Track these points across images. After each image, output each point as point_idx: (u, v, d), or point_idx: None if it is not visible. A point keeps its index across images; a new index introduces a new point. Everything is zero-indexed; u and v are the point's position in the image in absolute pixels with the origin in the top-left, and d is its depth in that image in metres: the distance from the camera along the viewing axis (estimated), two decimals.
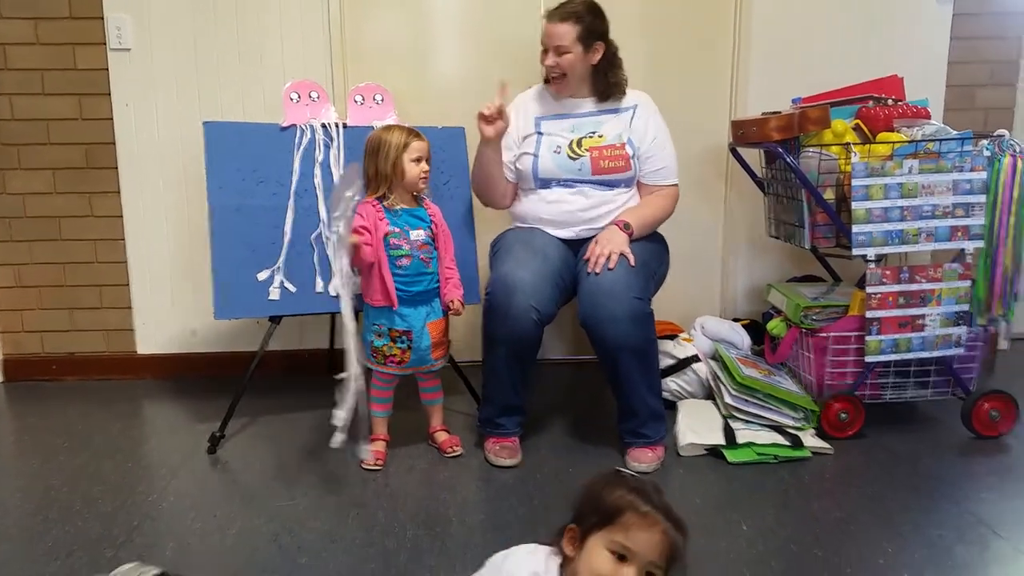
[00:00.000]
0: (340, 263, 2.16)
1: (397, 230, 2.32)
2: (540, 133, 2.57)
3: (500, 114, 2.44)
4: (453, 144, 2.79)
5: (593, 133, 2.54)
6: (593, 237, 2.46)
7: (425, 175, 2.35)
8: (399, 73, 3.11)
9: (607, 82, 2.56)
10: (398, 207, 2.35)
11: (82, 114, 3.03)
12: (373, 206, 2.33)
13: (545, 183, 2.56)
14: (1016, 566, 1.87)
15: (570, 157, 2.51)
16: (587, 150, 2.51)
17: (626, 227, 2.44)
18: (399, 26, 3.13)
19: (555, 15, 2.48)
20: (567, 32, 2.45)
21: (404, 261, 2.32)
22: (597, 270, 2.32)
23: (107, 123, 3.04)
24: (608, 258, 2.34)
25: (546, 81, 2.63)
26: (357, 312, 2.50)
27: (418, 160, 2.33)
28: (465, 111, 3.00)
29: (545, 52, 2.52)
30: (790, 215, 2.77)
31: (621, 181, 2.54)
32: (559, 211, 2.54)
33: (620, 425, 2.42)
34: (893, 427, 2.62)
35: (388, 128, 2.39)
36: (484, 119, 2.44)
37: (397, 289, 2.30)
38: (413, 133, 2.36)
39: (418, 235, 2.34)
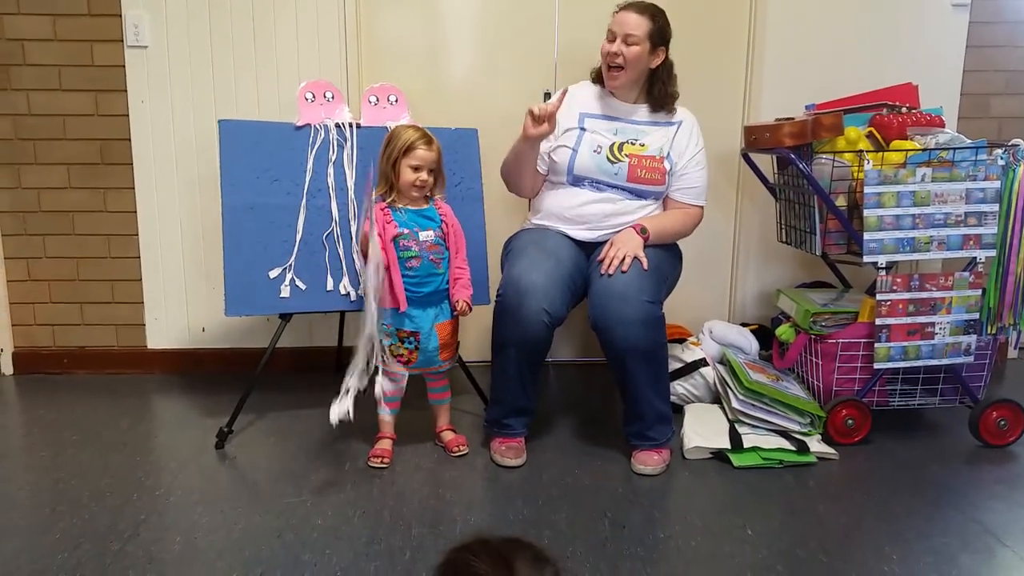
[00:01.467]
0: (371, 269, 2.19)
1: (406, 231, 2.33)
2: (583, 129, 2.55)
3: (550, 119, 2.41)
4: (466, 145, 2.80)
5: (635, 141, 2.53)
6: (608, 240, 2.46)
7: (421, 184, 2.33)
8: (414, 74, 3.12)
9: (664, 91, 2.55)
10: (403, 207, 2.36)
11: (98, 110, 3.06)
12: (382, 210, 2.34)
13: (578, 180, 2.53)
14: None
15: (609, 160, 2.50)
16: (627, 156, 2.50)
17: (643, 231, 2.44)
18: (414, 27, 3.14)
19: (632, 6, 2.49)
20: (640, 24, 2.45)
21: (414, 262, 2.32)
22: (611, 271, 2.33)
23: (123, 119, 3.06)
24: (622, 260, 2.34)
25: (594, 80, 2.63)
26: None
27: (416, 168, 2.32)
28: (479, 112, 3.02)
29: (611, 40, 2.49)
30: (801, 221, 2.77)
31: (652, 194, 2.54)
32: (584, 212, 2.53)
33: (626, 427, 2.42)
34: (900, 434, 2.61)
35: (406, 127, 2.40)
36: (532, 116, 2.40)
37: (407, 290, 2.31)
38: (424, 139, 2.34)
39: (427, 235, 2.35)
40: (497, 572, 0.90)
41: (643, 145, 2.53)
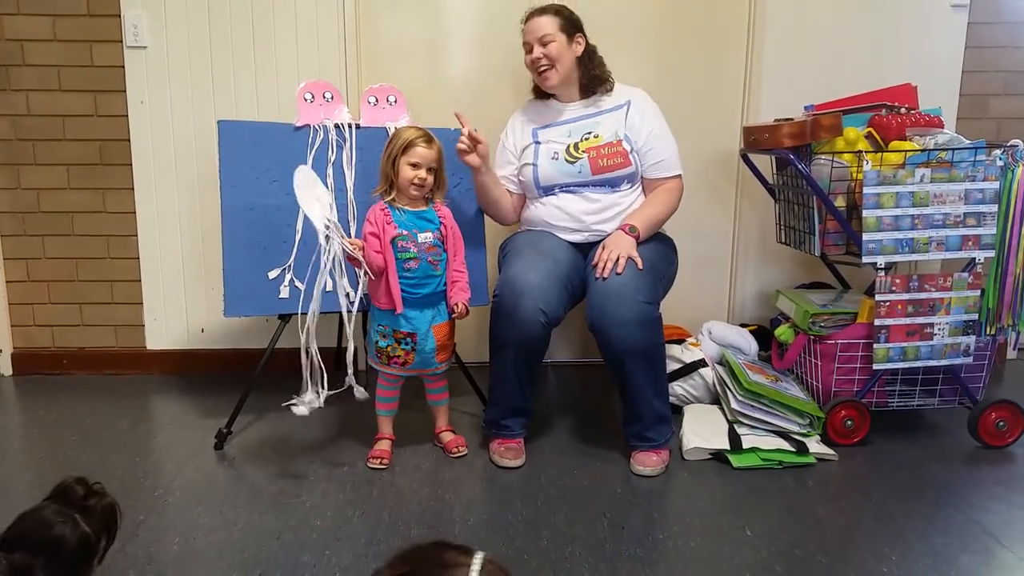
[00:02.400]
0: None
1: (405, 233, 2.33)
2: (537, 143, 2.60)
3: (474, 141, 2.47)
4: None
5: (589, 134, 2.56)
6: (602, 241, 2.46)
7: (419, 182, 2.33)
8: (413, 75, 3.12)
9: (591, 75, 2.59)
10: (403, 208, 2.36)
11: (97, 111, 3.06)
12: (382, 210, 2.34)
13: (548, 190, 2.57)
14: None
15: (567, 161, 2.53)
16: (584, 151, 2.53)
17: (632, 230, 2.45)
18: (414, 28, 3.15)
19: (533, 12, 2.57)
20: (548, 23, 2.52)
21: (412, 264, 2.32)
22: (605, 275, 2.33)
23: (122, 120, 3.07)
24: (616, 262, 2.34)
25: (535, 93, 2.69)
26: (363, 312, 2.53)
27: (415, 165, 2.33)
28: (479, 113, 3.00)
29: (529, 51, 2.57)
30: (800, 222, 2.77)
31: (623, 178, 2.55)
32: (565, 216, 2.54)
33: (626, 428, 2.42)
34: (899, 435, 2.61)
35: (407, 127, 2.42)
36: (462, 153, 2.47)
37: (404, 291, 2.31)
38: (424, 138, 2.36)
39: (426, 237, 2.35)
40: (460, 556, 0.91)
41: (597, 136, 2.55)
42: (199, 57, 3.04)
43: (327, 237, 2.20)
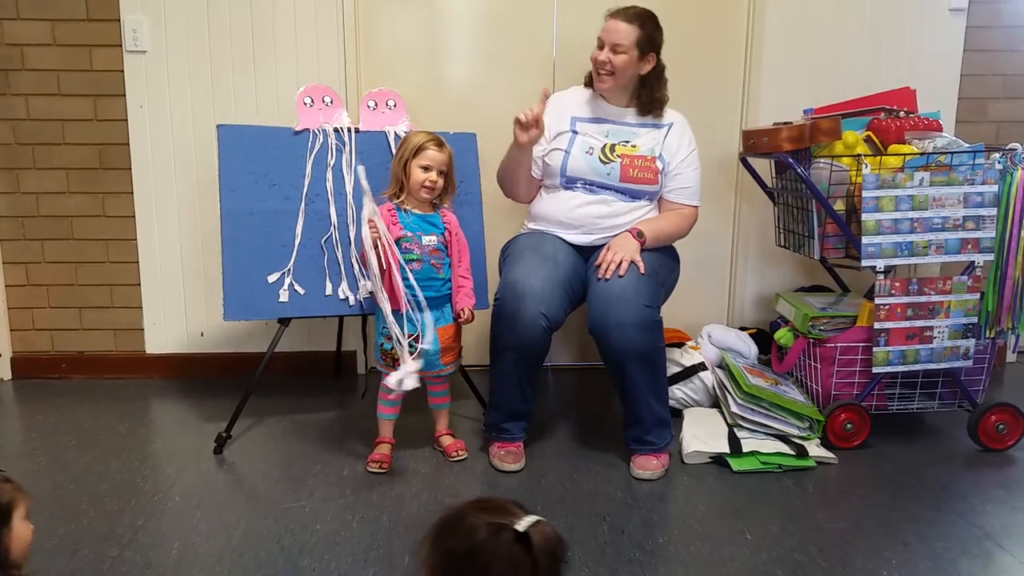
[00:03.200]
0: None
1: (409, 234, 2.33)
2: (575, 132, 2.57)
3: (537, 123, 2.43)
4: (464, 150, 2.80)
5: (627, 142, 2.55)
6: (604, 244, 2.46)
7: (430, 184, 2.34)
8: (412, 78, 3.13)
9: (652, 96, 2.56)
10: (410, 210, 2.37)
11: (97, 115, 3.06)
12: (388, 210, 2.34)
13: (571, 182, 2.55)
14: None
15: (601, 160, 2.52)
16: (619, 156, 2.52)
17: (639, 235, 2.44)
18: (413, 32, 3.15)
19: (620, 14, 2.49)
20: (628, 32, 2.45)
21: (415, 265, 2.32)
22: (607, 275, 2.33)
23: (121, 124, 3.07)
24: (619, 264, 2.34)
25: (586, 84, 2.65)
26: (364, 315, 2.53)
27: (426, 168, 2.34)
28: (478, 117, 3.02)
29: (600, 48, 2.50)
30: (800, 225, 2.77)
31: (646, 193, 2.54)
32: (578, 215, 2.54)
33: (626, 432, 2.42)
34: (899, 438, 2.61)
35: (418, 132, 2.43)
36: (520, 124, 2.43)
37: (408, 293, 2.31)
38: (435, 142, 2.37)
39: (430, 240, 2.35)
40: (496, 515, 0.97)
41: (634, 146, 2.54)
42: (199, 61, 3.04)
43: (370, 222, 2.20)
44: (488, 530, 0.95)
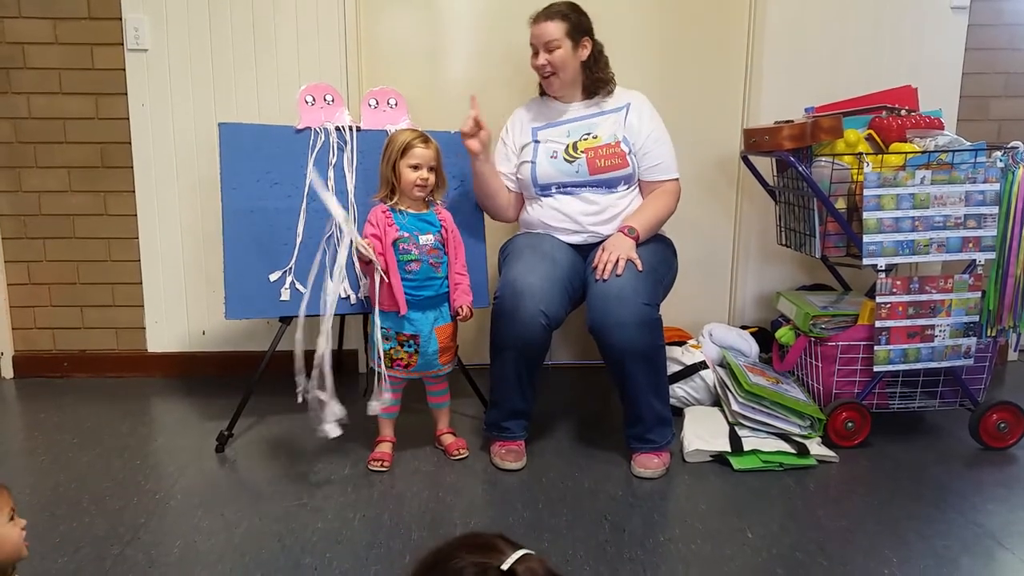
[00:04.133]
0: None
1: (406, 235, 2.33)
2: (536, 141, 2.61)
3: (478, 126, 2.48)
4: (464, 148, 2.80)
5: (588, 135, 2.57)
6: (601, 243, 2.46)
7: (422, 182, 2.34)
8: (413, 77, 3.13)
9: (594, 77, 2.59)
10: (404, 210, 2.37)
11: (98, 113, 3.06)
12: (383, 212, 2.34)
13: (545, 188, 2.58)
14: None
15: (566, 160, 2.54)
16: (583, 151, 2.54)
17: (631, 232, 2.45)
18: (414, 31, 3.15)
19: (541, 15, 2.55)
20: (555, 28, 2.51)
21: (414, 266, 2.33)
22: (605, 276, 2.33)
23: (123, 123, 3.07)
24: (616, 264, 2.34)
25: (541, 94, 2.70)
26: (365, 314, 2.53)
27: (416, 167, 2.34)
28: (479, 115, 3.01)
29: (535, 54, 2.57)
30: (801, 224, 2.77)
31: (620, 179, 2.55)
32: (563, 217, 2.55)
33: (626, 430, 2.42)
34: (900, 437, 2.61)
35: (401, 131, 2.42)
36: (465, 136, 2.48)
37: (406, 293, 2.31)
38: (420, 138, 2.37)
39: (427, 239, 2.36)
40: (482, 554, 0.95)
41: (596, 137, 2.56)
42: (200, 60, 3.04)
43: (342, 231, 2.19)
44: (473, 571, 0.93)
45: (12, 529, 1.40)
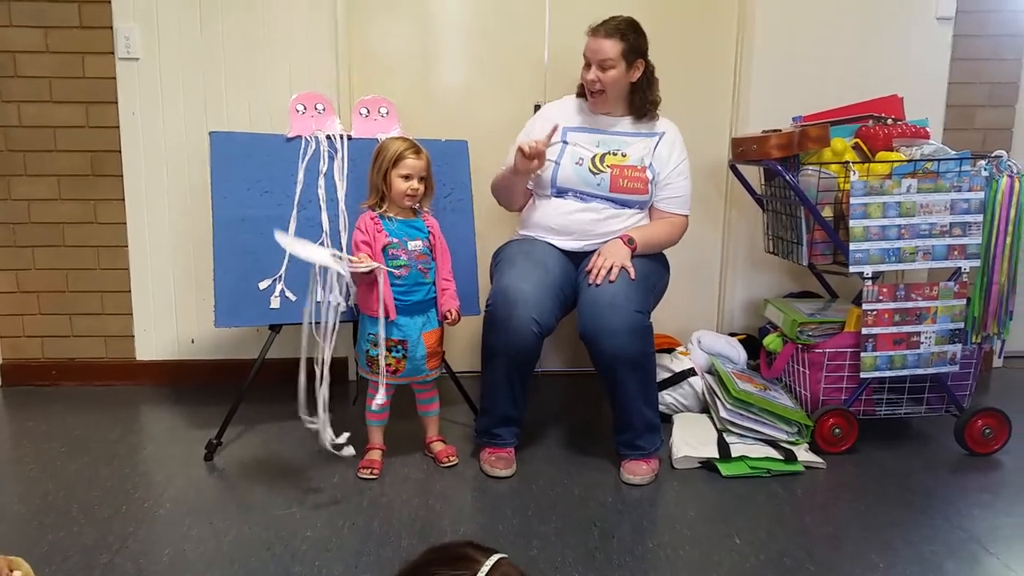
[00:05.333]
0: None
1: (395, 240, 2.34)
2: (565, 142, 2.58)
3: (539, 157, 2.44)
4: (456, 157, 2.82)
5: (617, 151, 2.55)
6: (595, 251, 2.47)
7: (413, 193, 2.35)
8: (404, 86, 3.14)
9: (645, 99, 2.57)
10: (393, 217, 2.37)
11: (89, 122, 3.06)
12: (372, 219, 2.35)
13: (561, 191, 2.56)
14: None
15: (591, 171, 2.52)
16: (609, 167, 2.52)
17: (630, 242, 2.46)
18: (405, 40, 3.16)
19: (600, 30, 2.49)
20: (612, 48, 2.46)
21: (402, 271, 2.34)
22: (598, 281, 2.34)
23: (113, 131, 3.07)
24: (609, 270, 2.35)
25: (579, 95, 2.65)
26: (354, 322, 2.54)
27: (407, 177, 2.34)
28: (469, 124, 3.04)
29: (588, 67, 2.52)
30: (788, 232, 2.79)
31: (636, 203, 2.55)
32: (569, 221, 2.54)
33: (616, 437, 2.43)
34: (886, 443, 2.63)
35: (393, 139, 2.42)
36: (522, 153, 2.44)
37: (395, 298, 2.32)
38: (412, 148, 2.37)
39: (416, 245, 2.37)
40: (456, 566, 0.95)
41: (624, 155, 2.55)
42: (191, 69, 3.05)
43: (337, 272, 2.16)
44: None
45: None
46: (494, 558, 0.96)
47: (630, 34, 2.49)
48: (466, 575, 0.94)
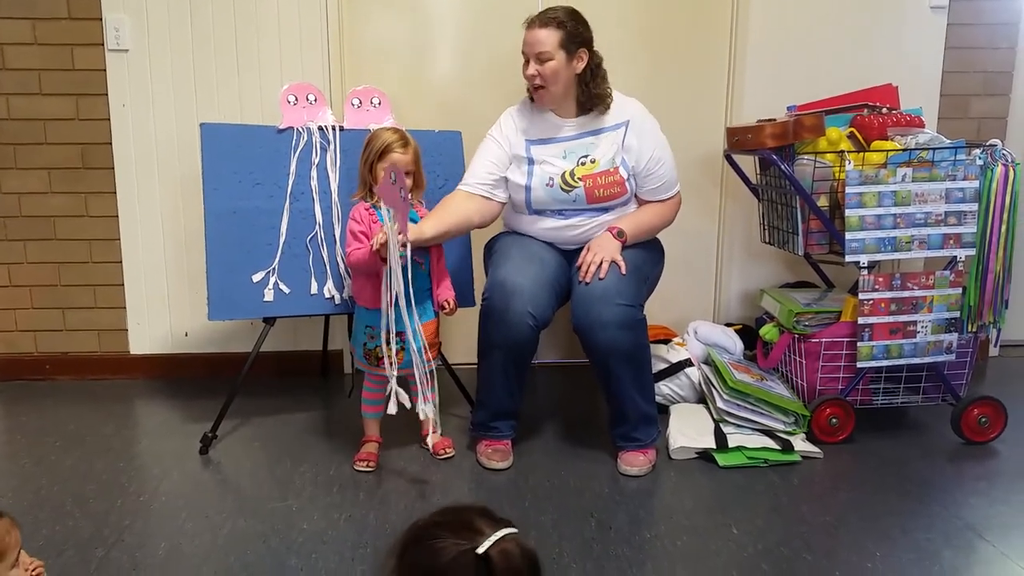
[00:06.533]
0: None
1: None
2: (531, 160, 2.47)
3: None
4: (449, 148, 2.80)
5: (586, 158, 2.45)
6: (586, 245, 2.45)
7: None
8: (397, 76, 3.12)
9: (590, 94, 2.42)
10: (385, 207, 2.36)
11: (79, 114, 3.04)
12: (366, 209, 2.34)
13: (539, 212, 2.51)
14: (1001, 570, 1.88)
15: (563, 189, 2.43)
16: (580, 179, 2.43)
17: (619, 234, 2.44)
18: (397, 30, 3.14)
19: (535, 21, 2.37)
20: (548, 37, 2.33)
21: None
22: (587, 279, 2.33)
23: (104, 124, 3.05)
24: (600, 267, 2.34)
25: (531, 96, 2.52)
26: (350, 314, 2.53)
27: None
28: (463, 114, 3.02)
29: (527, 62, 2.40)
30: (784, 221, 2.79)
31: (618, 204, 2.51)
32: (552, 237, 2.52)
33: (612, 429, 2.43)
34: (883, 432, 2.63)
35: (385, 130, 2.40)
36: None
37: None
38: (400, 142, 2.34)
39: None
40: (462, 535, 0.96)
41: (594, 161, 2.45)
42: (181, 60, 3.02)
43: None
44: (449, 552, 0.95)
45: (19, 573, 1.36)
46: (500, 533, 0.96)
47: (568, 22, 2.35)
48: (465, 546, 0.94)
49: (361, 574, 1.82)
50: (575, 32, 2.37)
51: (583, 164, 2.45)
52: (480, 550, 0.94)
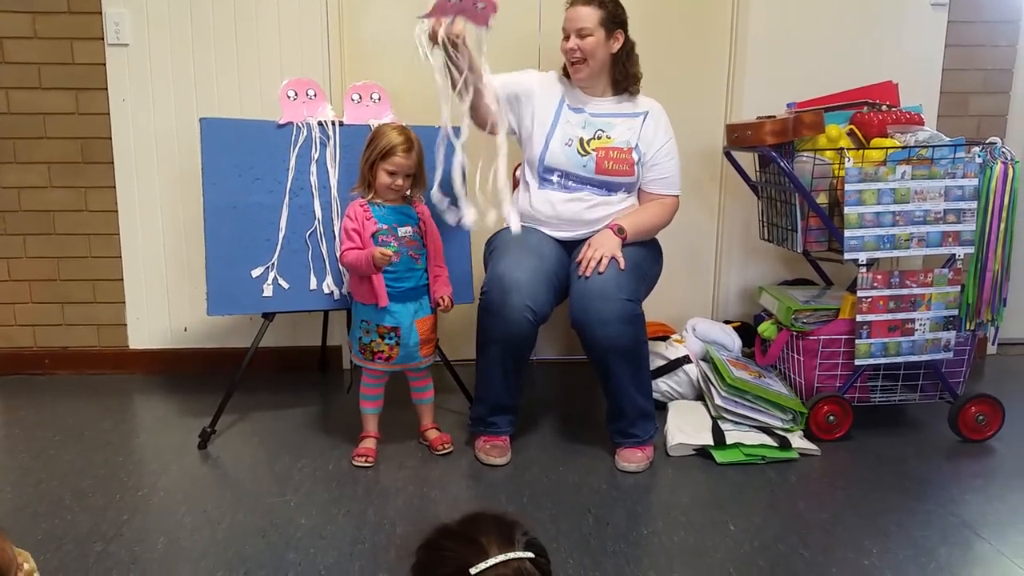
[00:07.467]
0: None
1: (385, 227, 2.33)
2: (557, 118, 2.56)
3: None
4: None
5: (601, 133, 2.53)
6: (587, 239, 2.46)
7: (396, 188, 2.34)
8: (397, 71, 3.11)
9: (626, 72, 2.55)
10: (382, 203, 2.36)
11: (78, 108, 3.04)
12: (361, 206, 2.34)
13: (548, 171, 2.53)
14: (997, 567, 1.89)
15: (579, 152, 2.51)
16: (594, 149, 2.51)
17: (620, 231, 2.44)
18: (397, 24, 3.13)
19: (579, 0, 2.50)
20: (590, 15, 2.46)
21: (394, 257, 2.32)
22: (587, 274, 2.33)
23: (103, 118, 3.04)
24: (599, 262, 2.34)
25: (564, 73, 2.63)
26: (348, 310, 2.53)
27: (392, 173, 2.32)
28: (463, 111, 3.00)
29: (566, 38, 2.51)
30: (783, 219, 2.79)
31: (623, 185, 2.54)
32: (556, 212, 2.53)
33: (610, 425, 2.43)
34: (880, 430, 2.63)
35: (390, 127, 2.39)
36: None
37: (386, 285, 2.31)
38: (404, 145, 2.33)
39: (406, 231, 2.36)
40: (466, 549, 0.95)
41: (609, 138, 2.53)
42: (181, 54, 3.02)
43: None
44: (447, 564, 0.95)
45: None
46: (501, 557, 0.94)
47: (608, 3, 2.48)
48: (464, 562, 0.94)
49: (359, 569, 1.83)
50: (614, 13, 2.50)
51: (599, 138, 2.53)
52: (473, 571, 0.93)
